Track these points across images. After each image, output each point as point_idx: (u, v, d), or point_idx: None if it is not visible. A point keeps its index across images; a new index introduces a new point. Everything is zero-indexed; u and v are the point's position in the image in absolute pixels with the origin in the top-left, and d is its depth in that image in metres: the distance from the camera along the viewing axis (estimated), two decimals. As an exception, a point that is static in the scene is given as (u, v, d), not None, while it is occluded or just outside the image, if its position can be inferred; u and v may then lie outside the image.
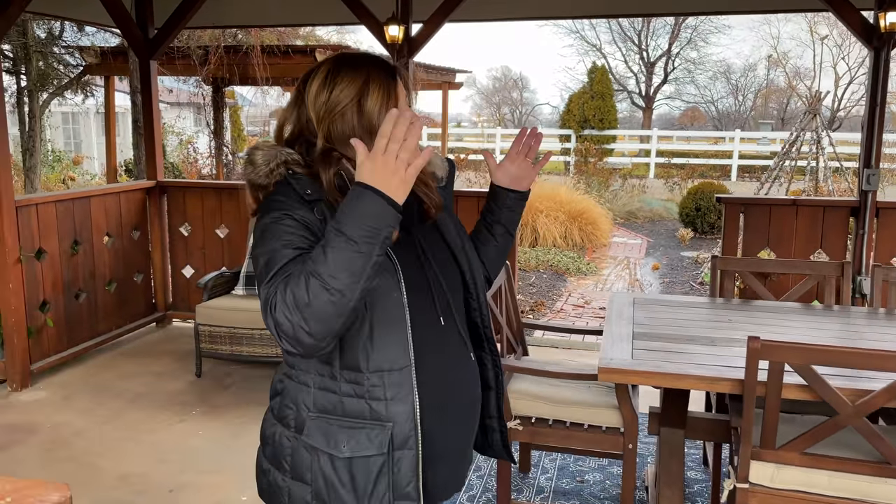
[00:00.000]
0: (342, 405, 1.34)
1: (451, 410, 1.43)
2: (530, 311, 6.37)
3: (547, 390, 2.80)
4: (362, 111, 1.35)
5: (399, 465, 1.34)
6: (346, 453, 1.32)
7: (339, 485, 1.33)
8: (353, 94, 1.35)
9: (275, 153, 1.36)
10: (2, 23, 3.92)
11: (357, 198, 1.14)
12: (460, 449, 1.49)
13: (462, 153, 14.62)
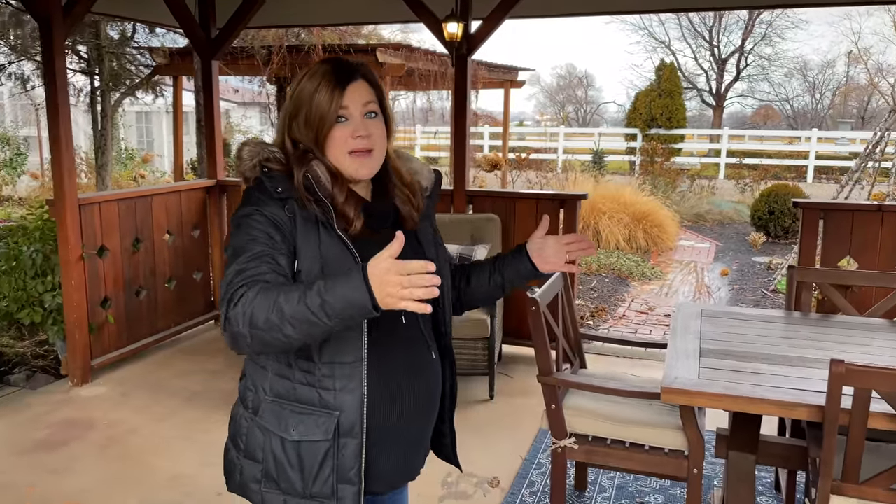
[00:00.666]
0: (295, 392, 1.43)
1: (405, 404, 1.49)
2: (591, 316, 6.17)
3: (605, 407, 2.63)
4: (309, 116, 1.41)
5: (344, 451, 1.42)
6: (294, 437, 1.41)
7: (287, 465, 1.43)
8: (307, 99, 1.41)
9: (259, 150, 1.44)
10: (68, 22, 3.99)
11: (355, 284, 1.19)
12: (413, 440, 1.55)
13: (523, 152, 14.41)
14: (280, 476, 1.44)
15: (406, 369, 1.49)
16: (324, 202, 1.39)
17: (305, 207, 1.38)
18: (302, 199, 1.39)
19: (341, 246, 1.38)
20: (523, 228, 4.67)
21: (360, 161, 1.44)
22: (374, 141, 1.44)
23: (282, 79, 9.99)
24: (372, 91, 1.45)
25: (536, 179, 11.65)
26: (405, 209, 1.52)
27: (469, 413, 3.94)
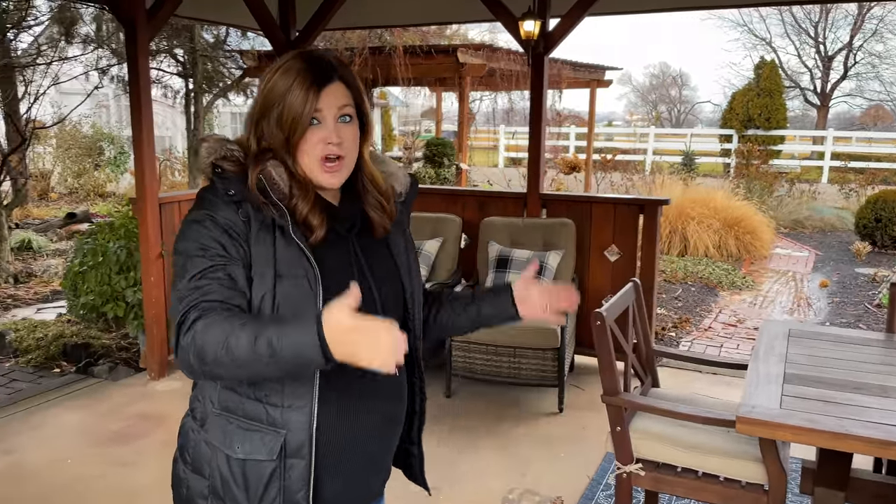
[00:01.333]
0: (243, 406, 1.34)
1: (361, 422, 1.39)
2: (673, 328, 5.87)
3: (676, 432, 2.44)
4: (281, 116, 1.31)
5: (291, 472, 1.32)
6: (239, 454, 1.33)
7: (233, 484, 1.34)
8: (278, 97, 1.31)
9: (217, 147, 1.34)
10: (152, 24, 4.10)
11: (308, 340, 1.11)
12: (370, 461, 1.45)
13: (609, 153, 14.02)
14: (226, 494, 1.35)
15: (364, 385, 1.38)
16: (279, 206, 1.30)
17: (261, 210, 1.30)
18: (257, 202, 1.30)
19: (299, 252, 1.29)
20: (599, 234, 4.48)
21: (331, 172, 1.34)
22: (345, 147, 1.34)
23: (367, 80, 10.10)
24: (348, 93, 1.35)
25: (621, 182, 11.29)
26: (376, 216, 1.42)
27: (535, 426, 3.79)
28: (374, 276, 1.40)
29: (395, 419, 1.48)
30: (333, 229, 1.37)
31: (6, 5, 8.03)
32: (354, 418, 1.38)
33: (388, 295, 1.42)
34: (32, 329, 5.05)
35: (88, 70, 9.86)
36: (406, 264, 1.47)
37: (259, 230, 1.30)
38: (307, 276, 1.29)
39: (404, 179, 1.50)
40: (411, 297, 1.47)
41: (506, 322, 1.55)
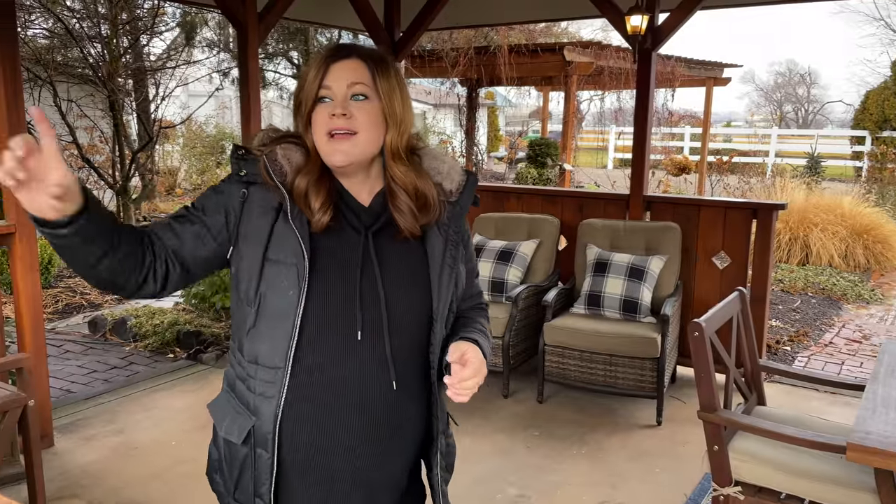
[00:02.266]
0: (236, 386, 1.36)
1: (344, 432, 1.31)
2: (789, 341, 5.49)
3: (781, 455, 2.25)
4: (299, 98, 1.32)
5: (259, 462, 1.31)
6: (221, 433, 1.36)
7: (224, 462, 1.38)
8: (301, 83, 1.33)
9: (262, 135, 1.36)
10: (261, 27, 4.25)
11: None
12: (348, 482, 1.34)
13: (726, 154, 13.34)
14: (219, 471, 1.41)
15: (350, 394, 1.29)
16: (280, 188, 1.28)
17: (270, 192, 1.29)
18: (266, 183, 1.30)
19: (294, 237, 1.26)
20: (707, 239, 4.24)
21: (335, 145, 1.26)
22: (356, 124, 1.26)
23: (473, 80, 10.11)
24: (366, 73, 1.28)
25: (737, 185, 10.71)
26: (403, 220, 1.31)
27: (630, 438, 3.63)
28: (386, 277, 1.29)
29: (380, 440, 1.34)
30: (350, 222, 1.32)
31: (139, 13, 8.62)
32: (330, 426, 1.30)
33: (401, 299, 1.31)
34: (151, 316, 5.36)
35: (211, 72, 10.43)
36: (438, 273, 1.34)
37: (259, 210, 1.29)
38: (296, 265, 1.24)
39: (457, 177, 1.39)
40: (437, 311, 1.33)
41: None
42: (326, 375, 1.28)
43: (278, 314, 1.26)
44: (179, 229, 1.29)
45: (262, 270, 1.26)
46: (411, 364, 1.34)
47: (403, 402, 1.34)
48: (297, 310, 1.24)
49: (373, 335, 1.28)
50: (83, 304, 6.27)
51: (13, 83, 3.17)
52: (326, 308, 1.26)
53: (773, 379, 4.40)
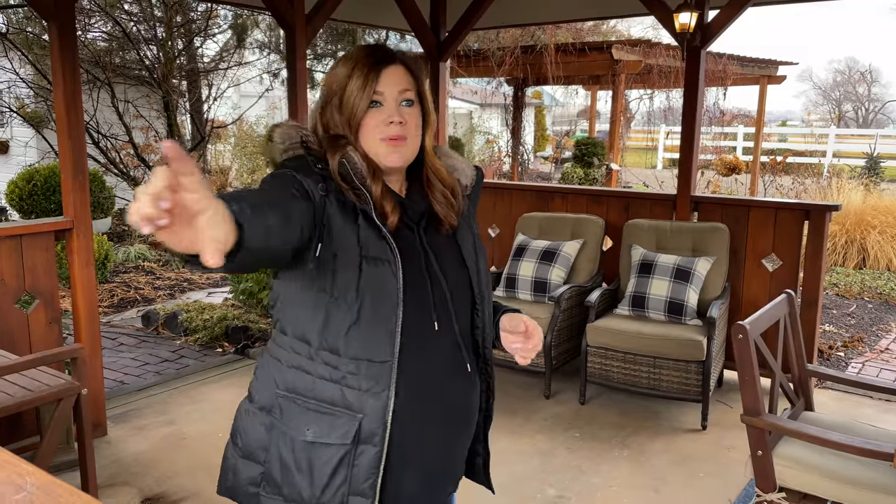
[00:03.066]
0: (315, 387, 1.32)
1: (437, 420, 1.36)
2: (843, 347, 5.32)
3: (828, 461, 2.19)
4: (343, 101, 1.33)
5: (360, 459, 1.29)
6: (308, 437, 1.30)
7: (295, 469, 1.31)
8: (341, 83, 1.34)
9: (292, 132, 1.35)
10: (309, 29, 4.32)
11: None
12: (444, 464, 1.42)
13: (780, 154, 12.99)
14: (285, 481, 1.32)
15: (436, 381, 1.36)
16: (361, 190, 1.30)
17: (343, 194, 1.29)
18: (338, 187, 1.29)
19: (380, 237, 1.29)
20: (757, 241, 4.14)
21: (392, 148, 1.33)
22: (408, 129, 1.34)
23: (520, 79, 10.08)
24: (410, 78, 1.36)
25: (791, 186, 10.42)
26: (441, 210, 1.40)
27: (674, 441, 3.57)
28: (443, 265, 1.38)
29: (468, 420, 1.45)
30: (403, 220, 1.36)
31: (193, 16, 8.85)
32: (430, 414, 1.36)
33: (456, 290, 1.40)
34: (201, 311, 5.51)
35: (261, 73, 10.65)
36: (474, 260, 1.43)
37: (342, 212, 1.28)
38: (389, 262, 1.29)
39: (470, 172, 1.48)
40: (479, 293, 1.43)
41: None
42: (421, 365, 1.34)
43: (382, 311, 1.29)
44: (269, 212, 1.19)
45: (361, 270, 1.27)
46: (470, 348, 1.43)
47: (473, 384, 1.44)
48: (398, 305, 1.29)
49: (445, 323, 1.37)
50: (137, 299, 6.47)
51: (72, 85, 3.29)
52: (412, 302, 1.32)
53: (825, 385, 4.28)
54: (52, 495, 0.94)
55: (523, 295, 4.30)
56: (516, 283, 4.33)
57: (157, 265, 7.75)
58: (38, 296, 3.33)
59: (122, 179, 8.05)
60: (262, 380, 1.40)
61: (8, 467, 1.01)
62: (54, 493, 0.94)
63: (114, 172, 8.01)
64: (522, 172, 11.02)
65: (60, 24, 3.22)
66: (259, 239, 1.07)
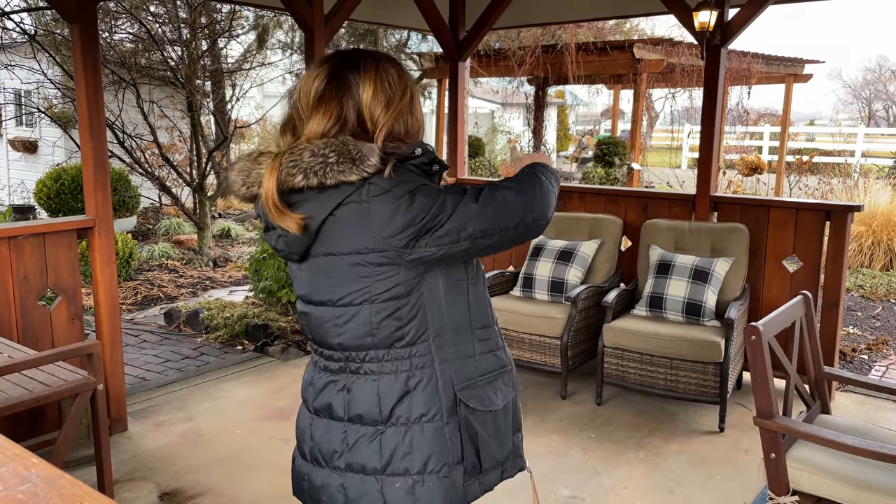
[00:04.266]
0: (478, 366, 1.45)
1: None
2: (866, 349, 5.23)
3: (843, 465, 2.17)
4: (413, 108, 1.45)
5: (516, 403, 1.53)
6: (499, 404, 1.46)
7: (491, 439, 1.45)
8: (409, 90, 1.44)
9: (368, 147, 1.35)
10: (328, 30, 4.35)
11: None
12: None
13: (806, 154, 12.80)
14: (484, 456, 1.45)
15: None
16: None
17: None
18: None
19: None
20: (777, 242, 4.09)
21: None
22: None
23: (541, 79, 10.05)
24: None
25: (817, 186, 10.25)
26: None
27: (690, 444, 3.55)
28: None
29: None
30: None
31: (217, 17, 8.94)
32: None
33: None
34: (222, 309, 5.57)
35: (283, 74, 10.73)
36: None
37: None
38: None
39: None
40: None
41: None
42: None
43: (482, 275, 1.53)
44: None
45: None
46: None
47: None
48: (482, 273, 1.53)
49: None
50: (160, 297, 6.57)
51: (94, 85, 3.35)
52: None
53: (847, 388, 4.22)
54: (55, 486, 0.96)
55: (540, 295, 4.29)
56: (533, 283, 4.32)
57: (181, 263, 7.86)
58: (60, 293, 3.40)
59: (147, 179, 8.16)
60: (432, 392, 1.40)
61: (17, 460, 1.03)
62: (57, 485, 0.96)
63: (139, 172, 8.13)
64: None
65: (83, 25, 3.28)
66: None
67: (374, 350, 1.38)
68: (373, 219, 1.31)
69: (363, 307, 1.36)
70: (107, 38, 8.34)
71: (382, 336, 1.37)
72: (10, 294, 3.20)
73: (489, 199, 1.35)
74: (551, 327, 4.01)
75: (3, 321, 3.18)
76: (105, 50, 8.02)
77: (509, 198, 1.37)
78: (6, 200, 11.93)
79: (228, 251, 8.57)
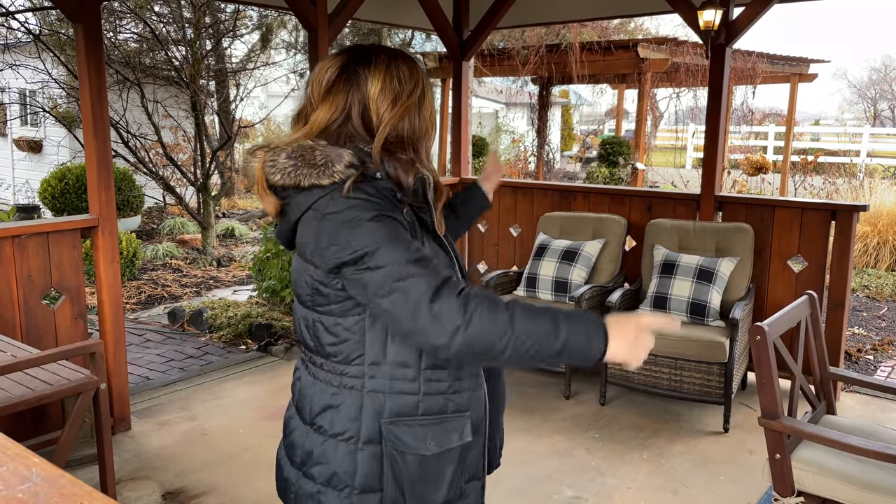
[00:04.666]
0: (419, 405, 1.35)
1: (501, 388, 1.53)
2: (871, 350, 5.21)
3: (848, 466, 2.15)
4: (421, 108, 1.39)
5: (470, 447, 1.40)
6: (432, 450, 1.34)
7: (421, 483, 1.35)
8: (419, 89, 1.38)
9: (337, 153, 1.30)
10: (331, 30, 4.34)
11: (597, 327, 1.23)
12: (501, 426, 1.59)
13: (811, 154, 12.76)
14: (411, 496, 1.35)
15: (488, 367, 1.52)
16: (428, 206, 1.39)
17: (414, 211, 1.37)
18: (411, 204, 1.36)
19: (440, 247, 1.39)
20: (783, 242, 4.08)
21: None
22: None
23: (545, 78, 10.03)
24: None
25: (822, 186, 10.21)
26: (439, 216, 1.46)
27: (694, 444, 3.53)
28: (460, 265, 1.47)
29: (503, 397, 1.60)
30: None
31: (221, 17, 8.95)
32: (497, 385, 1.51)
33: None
34: (226, 308, 5.58)
35: (287, 73, 10.74)
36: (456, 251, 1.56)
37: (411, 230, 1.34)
38: (452, 269, 1.39)
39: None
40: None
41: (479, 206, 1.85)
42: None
43: None
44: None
45: None
46: None
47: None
48: None
49: None
50: (164, 296, 6.57)
51: (98, 84, 3.35)
52: None
53: (853, 389, 4.20)
54: (55, 486, 0.95)
55: (544, 295, 4.28)
56: (537, 282, 4.31)
57: (184, 263, 7.86)
58: (64, 292, 3.40)
59: (151, 178, 8.18)
60: (354, 415, 1.36)
61: (18, 459, 1.03)
62: (58, 484, 0.96)
63: (143, 171, 8.14)
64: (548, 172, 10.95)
65: (86, 25, 3.28)
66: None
67: (317, 356, 1.39)
68: (319, 234, 1.29)
69: (309, 312, 1.37)
70: (111, 38, 8.36)
71: (321, 345, 1.36)
72: (13, 293, 3.20)
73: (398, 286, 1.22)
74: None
75: (6, 320, 3.18)
76: (110, 49, 8.04)
77: (411, 295, 1.21)
78: (11, 200, 11.97)
79: (232, 251, 8.57)
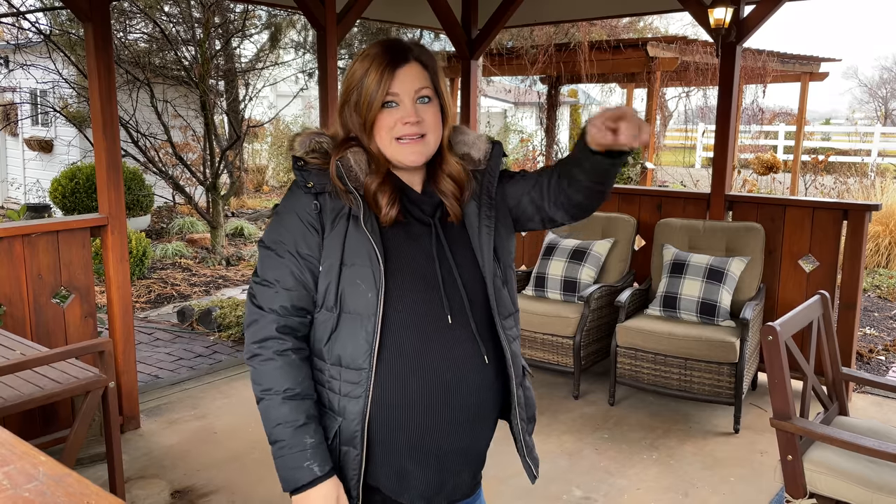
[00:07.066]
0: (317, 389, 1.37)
1: (442, 409, 1.34)
2: (884, 350, 5.17)
3: (861, 468, 2.13)
4: (358, 101, 1.33)
5: (346, 458, 1.34)
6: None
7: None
8: (356, 83, 1.33)
9: (307, 140, 1.37)
10: (339, 29, 4.34)
11: (292, 477, 1.31)
12: (453, 454, 1.38)
13: (822, 153, 12.67)
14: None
15: (447, 374, 1.33)
16: (354, 193, 1.33)
17: (339, 199, 1.33)
18: (337, 189, 1.34)
19: (367, 241, 1.31)
20: (794, 241, 4.04)
21: (410, 147, 1.34)
22: (426, 126, 1.34)
23: (554, 78, 10.00)
24: (426, 75, 1.35)
25: (833, 185, 10.14)
26: (449, 203, 1.39)
27: (704, 445, 3.51)
28: (457, 262, 1.37)
29: (478, 412, 1.39)
30: (414, 215, 1.37)
31: (230, 16, 8.97)
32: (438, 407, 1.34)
33: (470, 280, 1.38)
34: (235, 307, 5.58)
35: (296, 73, 10.75)
36: (478, 242, 1.39)
37: (335, 220, 1.33)
38: (371, 266, 1.30)
39: (483, 146, 1.45)
40: (490, 277, 1.38)
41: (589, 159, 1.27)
42: (421, 364, 1.33)
43: (358, 317, 1.31)
44: (306, 283, 1.35)
45: (340, 276, 1.32)
46: (487, 330, 1.40)
47: (492, 375, 1.40)
48: (376, 311, 1.30)
49: (460, 315, 1.35)
50: (174, 295, 6.59)
51: (107, 84, 3.36)
52: (411, 301, 1.32)
53: (864, 389, 4.16)
54: (62, 485, 0.95)
55: (553, 294, 4.26)
56: (545, 282, 4.29)
57: (194, 262, 7.89)
58: (74, 291, 3.41)
59: (161, 178, 8.20)
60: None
61: (25, 458, 1.03)
62: (64, 483, 0.95)
63: (152, 171, 8.17)
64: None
65: (96, 25, 3.29)
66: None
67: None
68: None
69: None
70: (121, 38, 8.38)
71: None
72: (23, 291, 3.21)
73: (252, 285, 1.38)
74: (564, 327, 3.99)
75: (16, 318, 3.19)
76: (119, 49, 8.06)
77: (251, 288, 1.38)
78: (22, 199, 12.04)
79: (241, 250, 8.59)
